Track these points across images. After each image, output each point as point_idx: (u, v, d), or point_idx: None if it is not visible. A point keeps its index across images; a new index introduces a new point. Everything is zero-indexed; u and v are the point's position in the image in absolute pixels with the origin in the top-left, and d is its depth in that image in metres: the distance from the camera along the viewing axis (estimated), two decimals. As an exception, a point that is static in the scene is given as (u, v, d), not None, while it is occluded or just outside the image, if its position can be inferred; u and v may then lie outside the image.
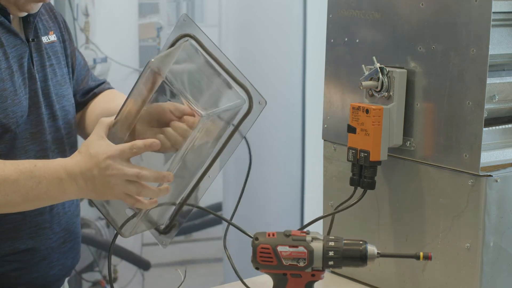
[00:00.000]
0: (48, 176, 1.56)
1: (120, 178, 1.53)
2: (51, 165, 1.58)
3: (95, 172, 1.54)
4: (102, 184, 1.54)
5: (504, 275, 1.71)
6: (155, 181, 1.55)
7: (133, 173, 1.53)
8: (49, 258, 1.76)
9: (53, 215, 1.76)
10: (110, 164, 1.53)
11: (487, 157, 1.70)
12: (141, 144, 1.54)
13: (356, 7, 1.86)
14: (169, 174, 1.55)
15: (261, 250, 1.56)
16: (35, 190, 1.56)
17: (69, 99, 1.82)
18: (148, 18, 3.28)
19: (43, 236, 1.75)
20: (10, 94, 1.66)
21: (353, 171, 1.77)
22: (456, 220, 1.71)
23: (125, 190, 1.54)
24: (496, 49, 1.73)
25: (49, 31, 1.80)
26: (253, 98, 1.61)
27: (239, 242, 3.59)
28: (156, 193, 1.56)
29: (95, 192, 1.56)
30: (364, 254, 1.55)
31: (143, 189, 1.55)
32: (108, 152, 1.54)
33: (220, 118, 1.61)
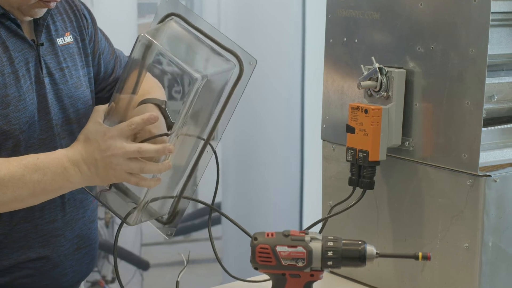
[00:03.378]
0: (52, 167, 1.56)
1: (121, 157, 1.53)
2: (54, 155, 1.58)
3: (96, 156, 1.54)
4: (104, 167, 1.54)
5: (503, 275, 1.71)
6: (157, 154, 1.55)
7: (134, 149, 1.53)
8: (62, 265, 1.75)
9: (65, 222, 1.74)
10: (111, 144, 1.53)
11: (486, 157, 1.70)
12: (139, 119, 1.54)
13: (355, 7, 1.86)
14: (170, 146, 1.54)
15: (260, 250, 1.56)
16: (42, 183, 1.56)
17: (86, 102, 1.79)
18: (147, 18, 3.28)
19: (55, 244, 1.73)
20: (13, 100, 1.64)
21: (352, 171, 1.77)
22: (455, 220, 1.71)
23: (128, 169, 1.54)
24: (495, 49, 1.73)
25: (65, 32, 1.77)
26: (242, 60, 1.61)
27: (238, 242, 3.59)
28: (158, 168, 1.56)
29: (99, 177, 1.56)
30: (363, 254, 1.55)
31: (145, 165, 1.54)
32: (107, 134, 1.54)
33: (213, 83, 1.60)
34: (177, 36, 1.64)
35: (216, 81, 1.62)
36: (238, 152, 3.59)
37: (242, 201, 1.69)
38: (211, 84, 1.59)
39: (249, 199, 3.48)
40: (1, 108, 1.62)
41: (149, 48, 1.57)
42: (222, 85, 1.63)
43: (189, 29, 1.63)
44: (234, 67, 1.61)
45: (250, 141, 3.52)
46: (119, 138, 1.54)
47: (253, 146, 3.51)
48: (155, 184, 1.58)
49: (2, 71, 1.63)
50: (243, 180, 1.67)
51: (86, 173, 1.56)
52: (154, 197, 1.67)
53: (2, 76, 1.63)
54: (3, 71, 1.63)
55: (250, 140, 3.59)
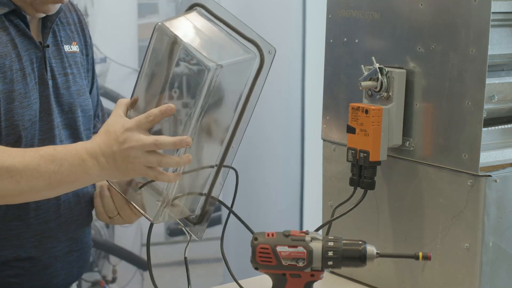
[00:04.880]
0: (69, 158, 1.53)
1: (139, 149, 1.50)
2: (72, 147, 1.56)
3: (114, 148, 1.51)
4: (123, 160, 1.51)
5: (503, 275, 1.71)
6: (174, 146, 1.51)
7: (151, 141, 1.50)
8: (52, 267, 1.74)
9: (59, 224, 1.73)
10: (128, 136, 1.51)
11: (486, 157, 1.70)
12: (157, 111, 1.51)
13: (355, 7, 1.86)
14: (187, 138, 1.51)
15: (260, 250, 1.56)
16: (58, 174, 1.53)
17: (86, 110, 1.79)
18: (147, 18, 3.28)
19: (47, 244, 1.72)
20: (18, 96, 1.64)
21: (353, 171, 1.77)
22: (456, 220, 1.71)
23: (146, 162, 1.51)
24: (496, 49, 1.73)
25: (72, 41, 1.78)
26: (263, 49, 1.58)
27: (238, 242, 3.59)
28: (176, 161, 1.53)
29: (117, 170, 1.53)
30: (363, 254, 1.55)
31: (163, 158, 1.51)
32: (125, 126, 1.52)
33: (232, 74, 1.57)
34: (195, 25, 1.61)
35: (235, 72, 1.58)
36: (238, 152, 3.58)
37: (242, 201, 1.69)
38: (229, 75, 1.56)
39: (249, 199, 3.47)
40: (6, 102, 1.62)
41: (166, 38, 1.55)
42: (242, 76, 1.59)
43: (210, 18, 1.61)
44: (254, 57, 1.57)
45: (250, 141, 3.51)
46: (137, 130, 1.51)
47: (253, 146, 3.51)
48: (175, 178, 1.55)
49: (11, 66, 1.63)
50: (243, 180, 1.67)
51: (104, 166, 1.53)
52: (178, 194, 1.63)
53: (11, 71, 1.63)
54: (11, 67, 1.63)
55: (250, 140, 3.59)
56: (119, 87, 3.16)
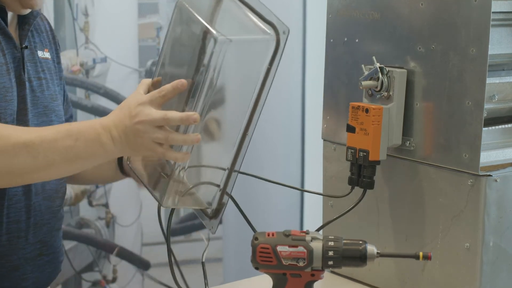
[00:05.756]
0: (84, 132, 1.53)
1: (148, 124, 1.50)
2: (87, 122, 1.57)
3: (127, 122, 1.52)
4: (133, 134, 1.51)
5: (503, 275, 1.71)
6: (182, 121, 1.51)
7: (161, 115, 1.50)
8: (21, 269, 1.73)
9: (29, 225, 1.73)
10: (140, 111, 1.51)
11: (486, 157, 1.70)
12: (169, 86, 1.51)
13: (355, 7, 1.86)
14: (195, 114, 1.50)
15: (261, 250, 1.56)
16: (74, 148, 1.53)
17: (59, 116, 1.80)
18: (147, 18, 3.28)
19: (16, 245, 1.71)
20: (2, 89, 1.64)
21: (352, 170, 1.77)
22: (456, 220, 1.71)
23: (154, 137, 1.51)
24: (496, 49, 1.73)
25: (45, 47, 1.80)
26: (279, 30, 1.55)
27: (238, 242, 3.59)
28: (184, 139, 1.52)
29: (128, 145, 1.53)
30: (363, 254, 1.55)
31: (170, 134, 1.51)
32: (138, 100, 1.52)
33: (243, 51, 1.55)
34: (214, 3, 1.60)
35: (249, 51, 1.57)
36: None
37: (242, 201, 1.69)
38: (242, 53, 1.54)
39: (249, 199, 3.48)
40: None
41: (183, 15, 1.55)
42: (256, 56, 1.57)
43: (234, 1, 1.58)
44: (269, 38, 1.54)
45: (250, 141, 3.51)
46: (149, 104, 1.51)
47: (253, 146, 3.51)
48: (183, 158, 1.54)
49: None
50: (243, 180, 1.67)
51: (117, 140, 1.53)
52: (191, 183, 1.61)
53: None
54: None
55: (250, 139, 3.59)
56: (119, 87, 3.16)
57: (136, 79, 3.18)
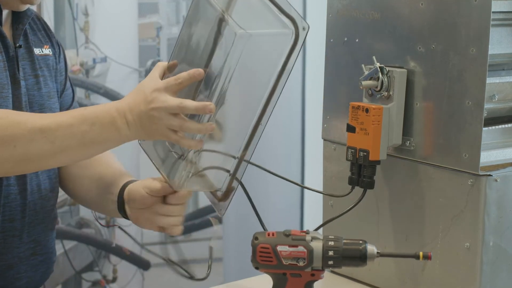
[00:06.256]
0: (100, 117, 1.53)
1: (164, 111, 1.51)
2: (102, 106, 1.57)
3: (142, 107, 1.52)
4: (148, 119, 1.52)
5: (503, 275, 1.71)
6: (197, 110, 1.51)
7: (176, 103, 1.50)
8: (16, 268, 1.73)
9: (24, 224, 1.73)
10: (156, 97, 1.51)
11: (486, 156, 1.70)
12: (185, 74, 1.52)
13: (355, 7, 1.86)
14: (211, 104, 1.50)
15: (261, 249, 1.56)
16: (90, 133, 1.53)
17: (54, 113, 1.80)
18: (147, 18, 3.28)
19: (11, 244, 1.71)
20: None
21: (352, 170, 1.77)
22: (456, 220, 1.71)
23: (169, 125, 1.51)
24: (496, 49, 1.73)
25: (44, 45, 1.80)
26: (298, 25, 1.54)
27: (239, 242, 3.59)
28: (198, 128, 1.53)
29: (143, 130, 1.53)
30: (363, 253, 1.55)
31: (185, 122, 1.52)
32: (154, 86, 1.52)
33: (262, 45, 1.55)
34: None
35: (267, 45, 1.56)
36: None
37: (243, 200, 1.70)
38: (260, 46, 1.54)
39: (249, 199, 3.48)
40: None
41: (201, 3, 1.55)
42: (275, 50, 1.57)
43: None
44: (288, 32, 1.54)
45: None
46: (165, 91, 1.51)
47: (254, 146, 3.51)
48: (196, 145, 1.55)
49: None
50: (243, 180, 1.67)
51: (132, 125, 1.53)
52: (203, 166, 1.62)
53: None
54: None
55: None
56: (119, 86, 3.16)
57: (136, 79, 3.18)
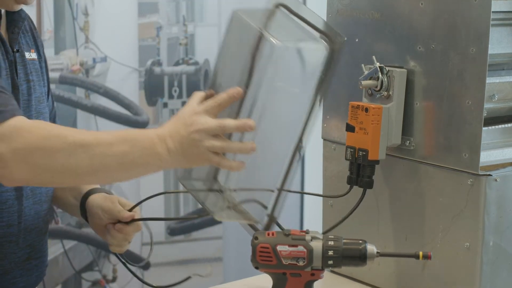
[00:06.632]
0: (141, 140, 1.53)
1: (204, 132, 1.50)
2: (143, 131, 1.58)
3: (182, 132, 1.51)
4: (189, 144, 1.51)
5: (503, 274, 1.71)
6: (238, 129, 1.51)
7: (216, 124, 1.50)
8: (11, 273, 1.73)
9: (20, 229, 1.73)
10: (195, 120, 1.51)
11: (486, 156, 1.70)
12: (224, 95, 1.52)
13: (355, 7, 1.86)
14: (251, 121, 1.50)
15: (261, 249, 1.56)
16: (130, 155, 1.52)
17: (46, 118, 1.80)
18: (147, 18, 3.28)
19: (8, 249, 1.71)
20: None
21: (351, 169, 1.77)
22: (456, 220, 1.71)
23: (210, 146, 1.50)
24: (496, 49, 1.73)
25: (31, 48, 1.79)
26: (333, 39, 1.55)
27: (238, 242, 3.58)
28: (239, 147, 1.52)
29: (184, 156, 1.52)
30: (363, 253, 1.55)
31: (227, 143, 1.51)
32: (193, 110, 1.52)
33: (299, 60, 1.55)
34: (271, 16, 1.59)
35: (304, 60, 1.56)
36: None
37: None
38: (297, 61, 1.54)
39: (249, 199, 3.48)
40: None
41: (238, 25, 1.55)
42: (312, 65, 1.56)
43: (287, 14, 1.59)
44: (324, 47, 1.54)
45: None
46: (204, 113, 1.51)
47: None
48: (238, 167, 1.53)
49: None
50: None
51: (172, 150, 1.52)
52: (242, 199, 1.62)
53: None
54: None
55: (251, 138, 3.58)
56: (119, 86, 3.16)
57: (136, 78, 3.18)
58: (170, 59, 3.32)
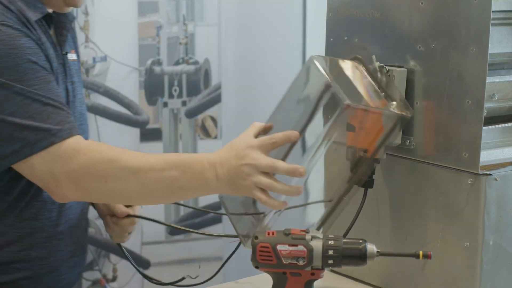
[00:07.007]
0: (192, 165, 1.55)
1: (254, 168, 1.52)
2: (195, 155, 1.60)
3: (233, 162, 1.54)
4: (236, 174, 1.53)
5: (503, 274, 1.71)
6: (288, 173, 1.53)
7: (268, 162, 1.52)
8: (58, 270, 1.75)
9: (68, 227, 1.75)
10: (248, 153, 1.53)
11: (486, 156, 1.70)
12: (281, 135, 1.54)
13: (355, 6, 1.86)
14: (302, 168, 1.53)
15: (261, 248, 1.56)
16: (180, 180, 1.55)
17: (86, 118, 1.83)
18: (147, 17, 3.28)
19: (56, 247, 1.73)
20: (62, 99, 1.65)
21: (352, 169, 1.77)
22: (456, 219, 1.71)
23: (257, 182, 1.52)
24: (496, 48, 1.73)
25: (72, 49, 1.80)
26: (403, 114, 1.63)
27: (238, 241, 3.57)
28: (286, 190, 1.54)
29: (230, 185, 1.55)
30: (363, 253, 1.55)
31: (274, 183, 1.53)
32: (248, 143, 1.54)
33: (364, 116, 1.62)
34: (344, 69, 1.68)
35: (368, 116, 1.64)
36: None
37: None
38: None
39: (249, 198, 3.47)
40: None
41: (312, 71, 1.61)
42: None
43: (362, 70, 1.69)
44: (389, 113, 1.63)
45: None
46: (258, 149, 1.54)
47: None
48: (280, 206, 1.56)
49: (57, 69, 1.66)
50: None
51: (221, 178, 1.55)
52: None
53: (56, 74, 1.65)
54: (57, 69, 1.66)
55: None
56: (119, 85, 3.16)
57: (136, 78, 3.18)
58: (170, 59, 3.32)
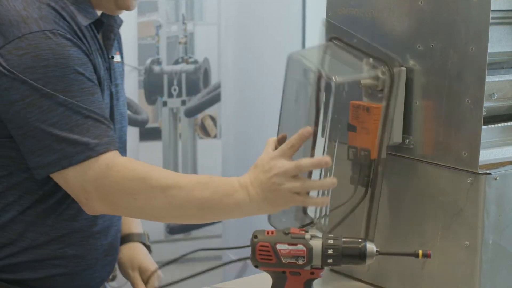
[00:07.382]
0: (223, 187, 1.57)
1: (283, 175, 1.54)
2: (226, 178, 1.61)
3: (261, 177, 1.55)
4: (269, 188, 1.55)
5: (503, 273, 1.71)
6: (314, 166, 1.56)
7: (293, 165, 1.54)
8: (92, 268, 1.77)
9: (104, 227, 1.76)
10: (273, 165, 1.55)
11: (486, 155, 1.70)
12: (296, 136, 1.56)
13: (355, 5, 1.86)
14: (326, 157, 1.55)
15: (260, 248, 1.56)
16: (210, 201, 1.56)
17: (126, 120, 1.84)
18: (147, 17, 3.28)
19: (92, 245, 1.75)
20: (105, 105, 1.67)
21: (353, 169, 1.77)
22: (455, 218, 1.71)
23: (291, 187, 1.54)
24: (495, 47, 1.73)
25: (116, 51, 1.81)
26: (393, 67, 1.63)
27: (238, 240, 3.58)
28: (320, 184, 1.57)
29: (266, 200, 1.56)
30: (363, 252, 1.55)
31: (307, 181, 1.55)
32: (269, 156, 1.56)
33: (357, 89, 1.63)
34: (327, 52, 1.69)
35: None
36: (238, 151, 3.59)
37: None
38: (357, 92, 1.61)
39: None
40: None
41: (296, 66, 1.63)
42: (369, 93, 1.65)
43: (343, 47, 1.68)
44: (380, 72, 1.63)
45: (250, 141, 3.52)
46: (280, 157, 1.55)
47: (253, 146, 3.51)
48: (323, 202, 1.58)
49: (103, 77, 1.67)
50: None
51: (254, 198, 1.56)
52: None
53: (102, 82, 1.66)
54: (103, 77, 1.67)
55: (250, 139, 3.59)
56: (119, 85, 3.16)
57: (136, 77, 3.18)
58: (169, 58, 3.32)
